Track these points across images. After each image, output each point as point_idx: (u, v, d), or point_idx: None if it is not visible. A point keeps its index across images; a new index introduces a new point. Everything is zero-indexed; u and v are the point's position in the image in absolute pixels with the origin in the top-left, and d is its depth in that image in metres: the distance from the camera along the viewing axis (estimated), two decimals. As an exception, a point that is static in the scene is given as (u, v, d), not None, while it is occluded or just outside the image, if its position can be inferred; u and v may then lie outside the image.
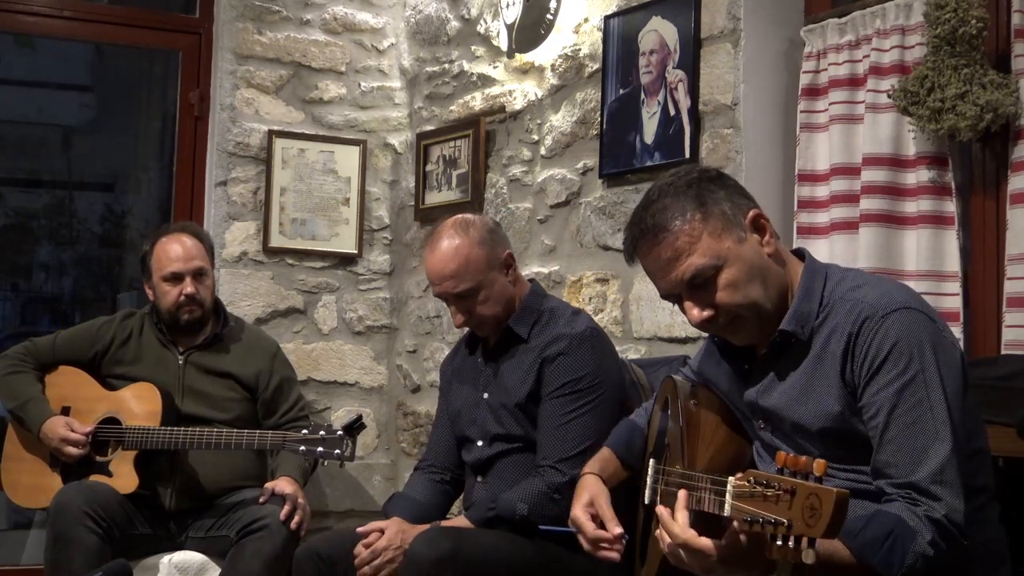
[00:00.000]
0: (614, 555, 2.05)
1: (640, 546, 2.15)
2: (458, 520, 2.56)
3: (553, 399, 2.56)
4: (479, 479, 2.70)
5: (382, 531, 2.54)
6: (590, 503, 2.12)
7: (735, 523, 1.51)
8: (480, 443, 2.69)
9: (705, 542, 1.59)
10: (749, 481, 1.47)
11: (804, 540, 1.37)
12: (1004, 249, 2.39)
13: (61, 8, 4.08)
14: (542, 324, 2.65)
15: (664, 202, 1.84)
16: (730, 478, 1.52)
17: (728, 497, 1.52)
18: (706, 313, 1.82)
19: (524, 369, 2.62)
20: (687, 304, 1.84)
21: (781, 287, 1.85)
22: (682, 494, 1.68)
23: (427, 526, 2.54)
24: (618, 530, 2.06)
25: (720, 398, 2.04)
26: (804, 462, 1.40)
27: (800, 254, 1.93)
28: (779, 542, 1.39)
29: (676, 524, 1.65)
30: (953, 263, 2.48)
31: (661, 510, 1.70)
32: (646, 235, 1.84)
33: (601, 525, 2.08)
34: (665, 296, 1.90)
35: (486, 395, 2.69)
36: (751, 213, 1.86)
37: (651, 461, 2.12)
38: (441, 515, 2.76)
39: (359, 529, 2.56)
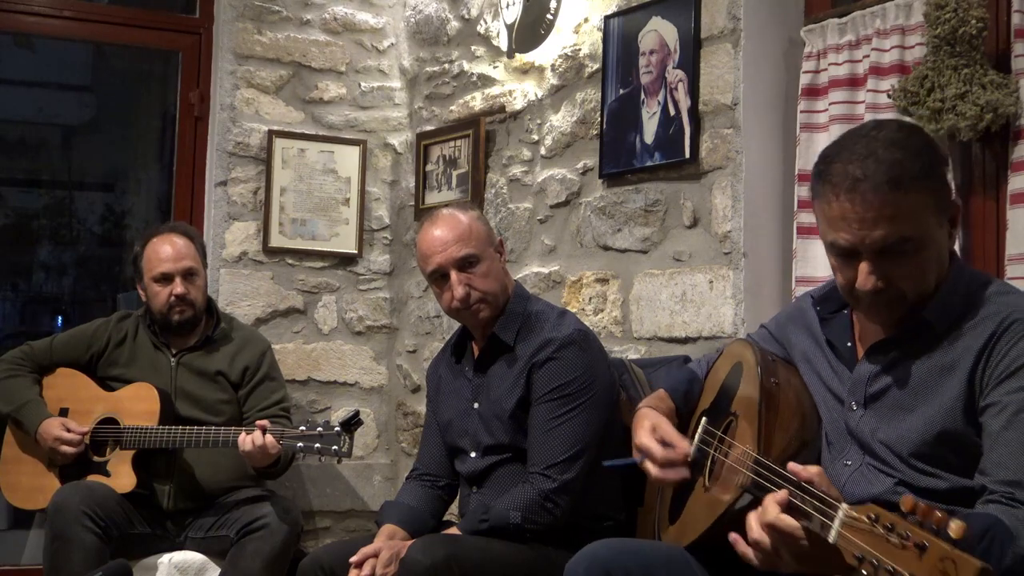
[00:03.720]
0: (684, 474, 2.00)
1: (671, 505, 2.11)
2: (451, 531, 2.53)
3: (542, 404, 2.53)
4: (474, 490, 2.67)
5: (376, 555, 2.44)
6: (654, 428, 2.07)
7: (840, 546, 1.41)
8: (473, 454, 2.66)
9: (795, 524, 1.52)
10: (869, 517, 1.36)
11: None
12: (1004, 249, 2.39)
13: (61, 8, 4.07)
14: (527, 329, 2.62)
15: (898, 155, 1.68)
16: (843, 504, 1.43)
17: (836, 524, 1.43)
18: (880, 284, 1.71)
19: (512, 377, 2.59)
20: (865, 267, 1.71)
21: (939, 281, 1.77)
22: (782, 495, 1.58)
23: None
24: (689, 447, 2.01)
25: (797, 376, 1.98)
26: (940, 517, 1.28)
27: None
28: None
29: (774, 511, 1.56)
30: (953, 263, 2.47)
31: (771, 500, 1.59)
32: (869, 181, 1.67)
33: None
34: (838, 246, 1.73)
35: (476, 405, 2.66)
36: (954, 199, 1.76)
37: (703, 419, 2.08)
38: (436, 521, 2.73)
39: (352, 559, 2.44)
